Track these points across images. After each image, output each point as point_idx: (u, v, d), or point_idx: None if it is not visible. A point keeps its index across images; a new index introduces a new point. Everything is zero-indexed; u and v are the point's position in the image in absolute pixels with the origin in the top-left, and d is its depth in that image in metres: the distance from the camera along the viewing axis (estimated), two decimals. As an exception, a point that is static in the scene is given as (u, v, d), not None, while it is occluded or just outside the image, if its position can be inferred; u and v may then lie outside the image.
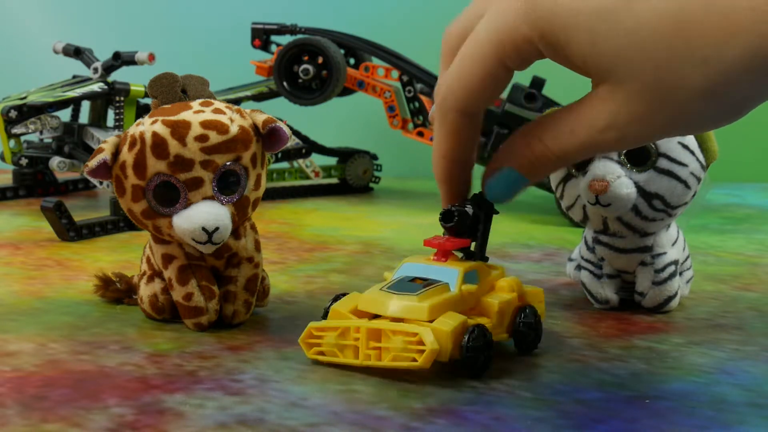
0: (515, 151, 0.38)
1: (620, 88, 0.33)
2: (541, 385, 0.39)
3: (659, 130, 0.34)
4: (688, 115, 0.33)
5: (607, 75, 0.34)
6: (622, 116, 0.34)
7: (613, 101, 0.34)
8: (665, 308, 0.51)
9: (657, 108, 0.33)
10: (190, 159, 0.43)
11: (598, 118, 0.34)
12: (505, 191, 0.39)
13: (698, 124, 0.35)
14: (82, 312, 0.49)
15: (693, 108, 0.33)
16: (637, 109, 0.33)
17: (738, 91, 0.32)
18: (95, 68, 0.87)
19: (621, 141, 0.35)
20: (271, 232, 0.76)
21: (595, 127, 0.35)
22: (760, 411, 0.37)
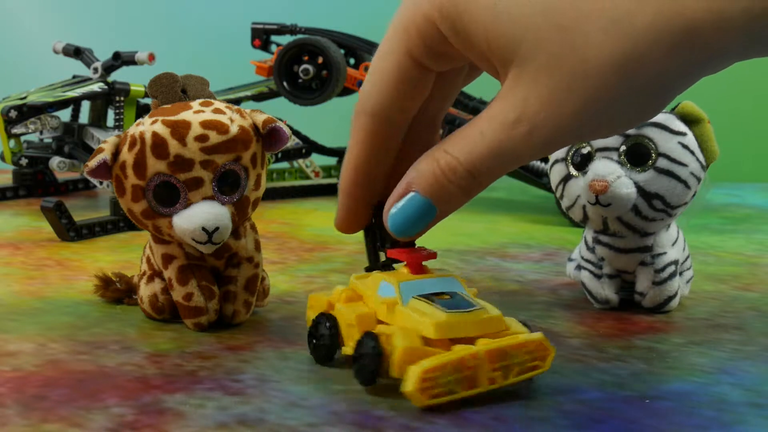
0: (420, 170, 0.33)
1: (526, 67, 0.30)
2: (541, 385, 0.39)
3: (571, 117, 0.30)
4: (601, 95, 0.29)
5: (512, 54, 0.30)
6: (531, 102, 0.30)
7: (520, 87, 0.30)
8: (665, 308, 0.51)
9: (566, 85, 0.29)
10: (190, 159, 0.43)
11: (508, 111, 0.31)
12: (411, 223, 0.34)
13: (616, 111, 0.31)
14: (82, 312, 0.49)
15: (605, 84, 0.29)
16: (547, 87, 0.30)
17: (652, 64, 0.29)
18: (95, 68, 0.87)
19: (532, 136, 0.31)
20: (271, 232, 0.76)
21: (504, 123, 0.31)
22: (760, 411, 0.37)
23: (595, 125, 0.31)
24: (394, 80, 0.33)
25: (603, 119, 0.31)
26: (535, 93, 0.30)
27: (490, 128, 0.31)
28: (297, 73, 0.93)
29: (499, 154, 0.31)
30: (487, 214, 0.87)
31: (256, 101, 0.99)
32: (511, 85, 0.30)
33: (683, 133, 0.49)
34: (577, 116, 0.30)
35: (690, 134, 0.49)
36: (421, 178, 0.33)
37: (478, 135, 0.31)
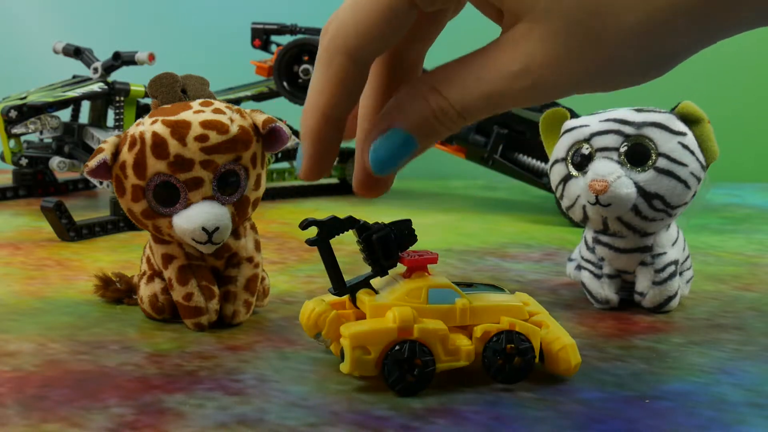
0: (407, 107, 0.32)
1: (539, 25, 0.29)
2: (541, 385, 0.39)
3: (577, 78, 0.30)
4: (612, 61, 0.29)
5: (525, 10, 0.29)
6: (538, 59, 0.29)
7: (529, 42, 0.29)
8: (665, 308, 0.51)
9: (579, 50, 0.29)
10: (190, 159, 0.43)
11: (510, 62, 0.30)
12: (392, 157, 0.32)
13: (621, 74, 0.30)
14: (82, 312, 0.49)
15: (619, 53, 0.29)
16: (557, 50, 0.29)
17: (671, 36, 0.29)
18: (95, 68, 0.87)
19: (533, 89, 0.30)
20: (271, 232, 0.76)
21: (506, 73, 0.30)
22: (760, 411, 0.37)
23: (598, 84, 0.31)
24: (382, 20, 0.31)
25: (607, 80, 0.31)
26: (544, 51, 0.29)
27: (489, 75, 0.30)
28: (297, 73, 0.93)
29: (495, 100, 0.31)
30: (487, 214, 0.87)
31: (256, 101, 0.99)
32: (519, 37, 0.30)
33: (683, 133, 0.49)
34: (584, 77, 0.30)
35: (690, 134, 0.49)
36: (407, 115, 0.32)
37: (474, 80, 0.31)
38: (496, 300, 0.40)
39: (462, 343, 0.38)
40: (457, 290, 0.39)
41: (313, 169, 0.34)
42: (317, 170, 0.34)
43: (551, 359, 0.39)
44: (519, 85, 0.30)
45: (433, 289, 0.39)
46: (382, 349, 0.37)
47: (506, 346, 0.38)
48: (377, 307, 0.38)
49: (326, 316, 0.39)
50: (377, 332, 0.37)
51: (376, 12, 0.31)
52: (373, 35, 0.31)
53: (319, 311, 0.39)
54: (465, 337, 0.39)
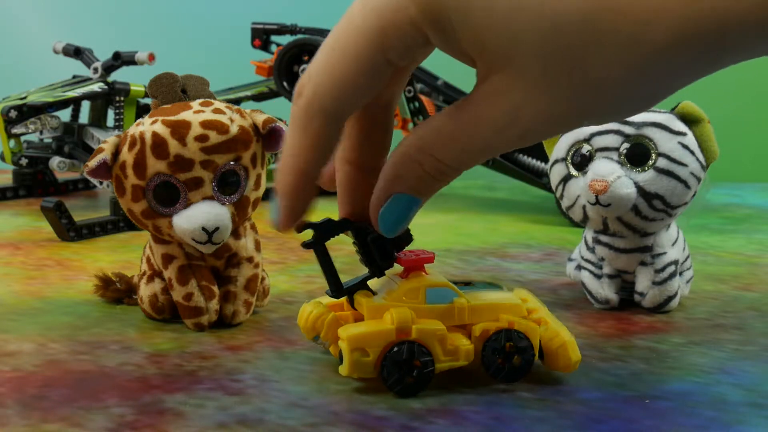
0: (403, 173, 0.33)
1: (522, 76, 0.29)
2: (541, 385, 0.39)
3: (564, 121, 0.30)
4: (603, 103, 0.29)
5: (506, 61, 0.29)
6: (526, 110, 0.29)
7: (513, 93, 0.29)
8: (665, 308, 0.51)
9: (565, 97, 0.29)
10: (190, 159, 0.43)
11: (498, 116, 0.30)
12: (400, 219, 0.34)
13: (606, 115, 0.31)
14: (82, 312, 0.49)
15: (610, 95, 0.29)
16: (545, 100, 0.29)
17: (659, 76, 0.29)
18: (95, 68, 0.87)
19: (523, 138, 0.31)
20: (271, 232, 0.75)
21: (496, 127, 0.30)
22: (760, 411, 0.37)
23: (585, 123, 0.32)
24: (362, 80, 0.31)
25: (593, 121, 0.31)
26: (530, 101, 0.29)
27: (480, 132, 0.31)
28: (297, 73, 0.93)
29: (489, 152, 0.32)
30: (487, 214, 0.87)
31: (256, 101, 0.99)
32: (503, 87, 0.30)
33: (683, 133, 0.49)
34: (571, 120, 0.30)
35: (690, 134, 0.49)
36: (405, 181, 0.33)
37: (466, 138, 0.31)
38: (494, 298, 0.40)
39: (461, 342, 0.38)
40: (455, 289, 0.39)
41: (290, 223, 0.36)
42: (293, 223, 0.36)
43: (551, 356, 0.39)
44: (509, 134, 0.30)
45: (431, 289, 0.39)
46: (381, 351, 0.37)
47: (505, 345, 0.38)
48: (375, 309, 0.38)
49: (324, 319, 0.39)
50: (375, 334, 0.37)
51: (353, 71, 0.30)
52: (351, 95, 0.31)
53: (316, 314, 0.39)
54: (464, 337, 0.39)
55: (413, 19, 0.29)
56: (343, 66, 0.31)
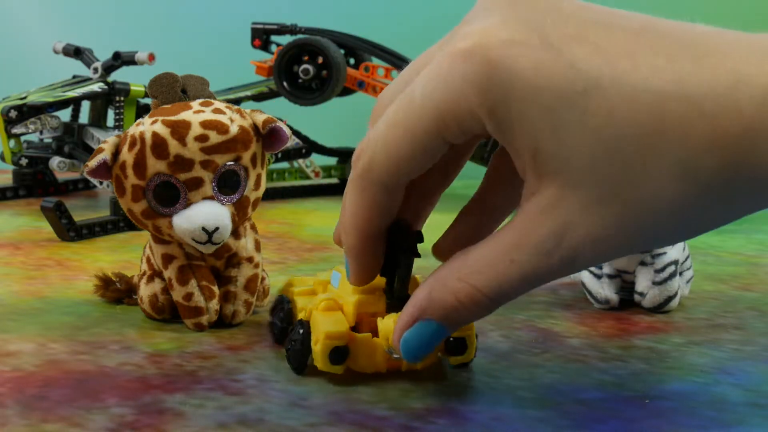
0: (435, 300, 0.32)
1: (574, 193, 0.28)
2: (541, 385, 0.39)
3: (617, 249, 0.29)
4: (652, 231, 0.28)
5: (559, 172, 0.28)
6: (575, 231, 0.28)
7: (563, 210, 0.28)
8: (665, 308, 0.51)
9: (617, 221, 0.28)
10: (190, 159, 0.43)
11: (545, 238, 0.28)
12: (424, 346, 0.33)
13: (653, 243, 0.30)
14: (82, 312, 0.49)
15: (660, 223, 0.28)
16: (594, 221, 0.28)
17: (710, 206, 0.28)
18: (95, 68, 0.87)
19: (571, 263, 0.29)
20: (271, 232, 0.76)
21: (542, 251, 0.29)
22: (760, 411, 0.37)
23: (638, 249, 0.31)
24: (416, 157, 0.31)
25: (647, 246, 0.30)
26: (580, 222, 0.28)
27: (523, 256, 0.29)
28: (297, 73, 0.93)
29: (531, 280, 0.30)
30: (487, 214, 0.86)
31: (256, 101, 0.99)
32: (550, 206, 0.28)
33: (683, 133, 0.49)
34: (623, 247, 0.29)
35: (690, 134, 0.49)
36: (435, 307, 0.32)
37: (507, 263, 0.29)
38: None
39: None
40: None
41: (364, 278, 0.36)
42: (367, 277, 0.36)
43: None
44: (556, 260, 0.29)
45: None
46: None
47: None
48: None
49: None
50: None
51: (409, 149, 0.31)
52: (405, 169, 0.32)
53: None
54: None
55: (472, 108, 0.29)
56: (400, 143, 0.31)
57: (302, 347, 0.39)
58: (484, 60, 0.28)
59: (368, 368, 0.39)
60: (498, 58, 0.28)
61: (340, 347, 0.38)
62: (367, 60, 0.98)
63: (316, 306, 0.39)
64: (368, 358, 0.38)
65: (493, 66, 0.28)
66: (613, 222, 0.28)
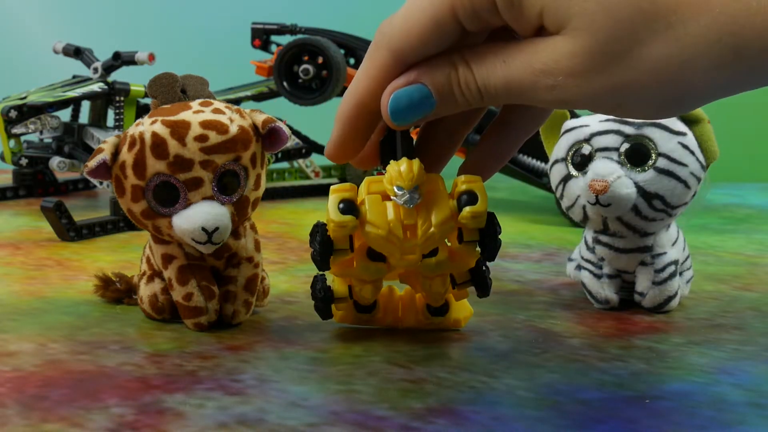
0: (435, 69, 0.35)
1: (570, 38, 0.31)
2: (541, 385, 0.39)
3: (594, 93, 0.31)
4: (630, 86, 0.31)
5: (561, 26, 0.31)
6: (563, 65, 0.31)
7: (558, 48, 0.31)
8: (665, 308, 0.51)
9: (602, 68, 0.31)
10: (189, 159, 0.43)
11: (538, 59, 0.32)
12: (410, 109, 0.35)
13: (635, 102, 0.32)
14: (82, 312, 0.49)
15: (638, 79, 0.31)
16: (582, 63, 0.31)
17: (691, 74, 0.30)
18: (95, 68, 0.87)
19: (552, 92, 0.32)
20: (271, 232, 0.76)
21: (530, 67, 0.32)
22: (760, 411, 0.37)
23: (613, 107, 0.32)
24: (427, 29, 0.34)
25: (622, 105, 0.32)
26: (570, 61, 0.31)
27: (514, 64, 0.32)
28: (297, 73, 0.93)
29: (515, 89, 0.33)
30: (487, 214, 0.86)
31: (256, 101, 0.99)
32: (552, 42, 0.31)
33: (683, 133, 0.49)
34: (602, 95, 0.31)
35: (690, 134, 0.49)
36: (433, 75, 0.34)
37: (501, 63, 0.33)
38: None
39: None
40: None
41: (339, 149, 0.39)
42: (341, 152, 0.39)
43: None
44: (540, 81, 0.32)
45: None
46: None
47: None
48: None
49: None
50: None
51: (424, 22, 0.34)
52: (418, 39, 0.34)
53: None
54: None
55: None
56: (415, 13, 0.34)
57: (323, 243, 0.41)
58: None
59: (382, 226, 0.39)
60: None
61: (348, 199, 0.40)
62: (367, 60, 0.98)
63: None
64: (380, 217, 0.40)
65: None
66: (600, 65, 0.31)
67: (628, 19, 0.30)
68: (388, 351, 0.43)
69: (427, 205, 0.39)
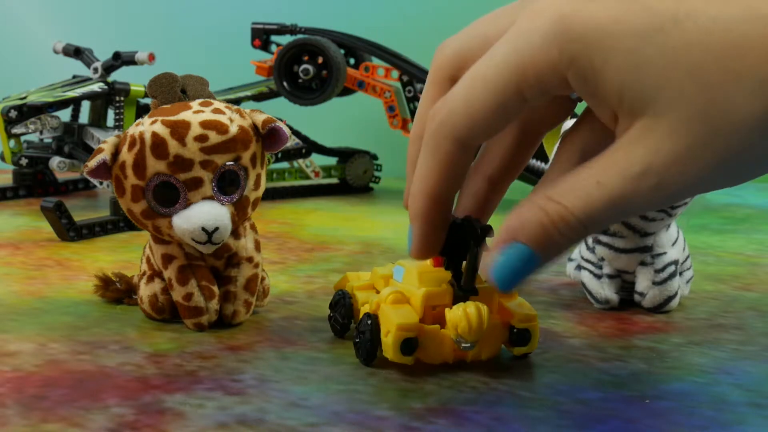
0: (526, 221, 0.31)
1: (662, 120, 0.29)
2: (541, 385, 0.39)
3: (704, 172, 0.29)
4: (738, 153, 0.29)
5: (647, 106, 0.29)
6: (663, 155, 0.29)
7: (652, 138, 0.29)
8: (665, 308, 0.51)
9: (704, 141, 0.28)
10: (189, 159, 0.43)
11: (633, 162, 0.29)
12: (515, 274, 0.32)
13: (747, 166, 0.30)
14: (82, 312, 0.49)
15: (745, 141, 0.28)
16: (680, 143, 0.28)
17: None
18: (95, 68, 0.87)
19: (658, 190, 0.29)
20: (271, 232, 0.76)
21: (629, 174, 0.29)
22: (760, 411, 0.37)
23: (726, 179, 0.30)
24: (494, 112, 0.31)
25: (734, 173, 0.30)
26: (668, 146, 0.29)
27: (610, 179, 0.30)
28: (297, 73, 0.93)
29: (619, 205, 0.30)
30: (487, 214, 0.86)
31: (256, 101, 0.99)
32: (639, 135, 0.29)
33: (683, 133, 0.49)
34: (711, 171, 0.29)
35: (690, 134, 0.49)
36: (525, 228, 0.31)
37: (594, 185, 0.30)
38: None
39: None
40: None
41: (424, 249, 0.36)
42: (428, 249, 0.36)
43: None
44: (643, 184, 0.29)
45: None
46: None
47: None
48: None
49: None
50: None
51: (489, 103, 0.31)
52: (482, 125, 0.32)
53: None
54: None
55: (554, 62, 0.30)
56: (478, 96, 0.31)
57: (372, 339, 0.40)
58: (563, 14, 0.30)
59: (436, 359, 0.40)
60: (574, 12, 0.29)
61: (411, 338, 0.39)
62: (367, 60, 0.98)
63: (384, 299, 0.40)
64: (437, 349, 0.40)
65: (571, 19, 0.29)
66: (700, 142, 0.29)
67: (718, 81, 0.28)
68: (388, 351, 0.43)
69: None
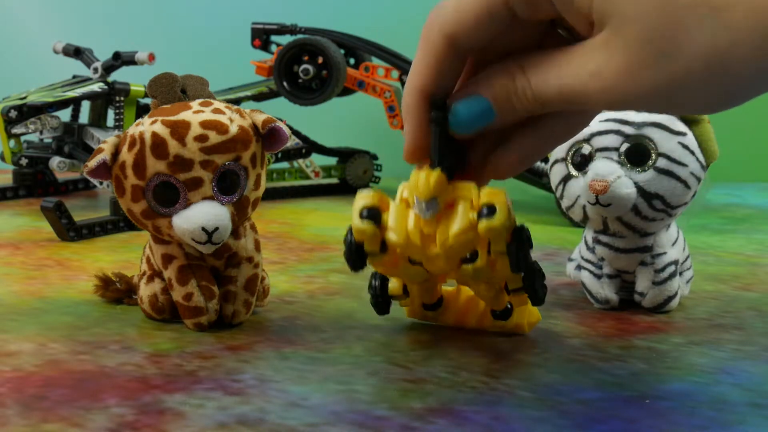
0: (494, 80, 0.35)
1: (618, 34, 0.31)
2: (541, 385, 0.39)
3: (645, 90, 0.31)
4: (680, 79, 0.31)
5: (608, 19, 0.31)
6: (612, 64, 0.31)
7: (606, 48, 0.31)
8: (665, 308, 0.51)
9: (650, 62, 0.31)
10: (189, 159, 0.43)
11: (587, 63, 0.32)
12: (471, 120, 0.36)
13: (687, 95, 0.31)
14: (82, 312, 0.49)
15: (687, 70, 0.30)
16: (630, 58, 0.31)
17: (739, 60, 0.30)
18: (95, 68, 0.87)
19: (603, 93, 0.32)
20: (271, 232, 0.76)
21: (581, 72, 0.32)
22: (760, 411, 0.37)
23: (664, 102, 0.32)
24: (481, 13, 0.34)
25: (673, 99, 0.32)
26: (620, 58, 0.31)
27: (566, 71, 0.33)
28: (297, 73, 0.93)
29: (567, 95, 0.33)
30: (487, 214, 0.86)
31: (256, 101, 0.99)
32: (600, 42, 0.32)
33: (683, 133, 0.49)
34: (653, 90, 0.31)
35: (690, 134, 0.49)
36: (492, 87, 0.35)
37: (554, 71, 0.33)
38: None
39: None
40: None
41: (417, 145, 0.38)
42: (418, 150, 0.38)
43: None
44: (591, 85, 0.32)
45: None
46: None
47: None
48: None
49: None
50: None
51: (477, 6, 0.34)
52: (471, 23, 0.34)
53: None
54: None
55: None
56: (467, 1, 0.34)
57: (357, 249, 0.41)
58: None
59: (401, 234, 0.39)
60: None
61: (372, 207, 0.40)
62: (367, 60, 0.98)
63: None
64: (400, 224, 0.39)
65: None
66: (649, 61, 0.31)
67: (674, 6, 0.30)
68: (388, 351, 0.43)
69: (449, 215, 0.39)
